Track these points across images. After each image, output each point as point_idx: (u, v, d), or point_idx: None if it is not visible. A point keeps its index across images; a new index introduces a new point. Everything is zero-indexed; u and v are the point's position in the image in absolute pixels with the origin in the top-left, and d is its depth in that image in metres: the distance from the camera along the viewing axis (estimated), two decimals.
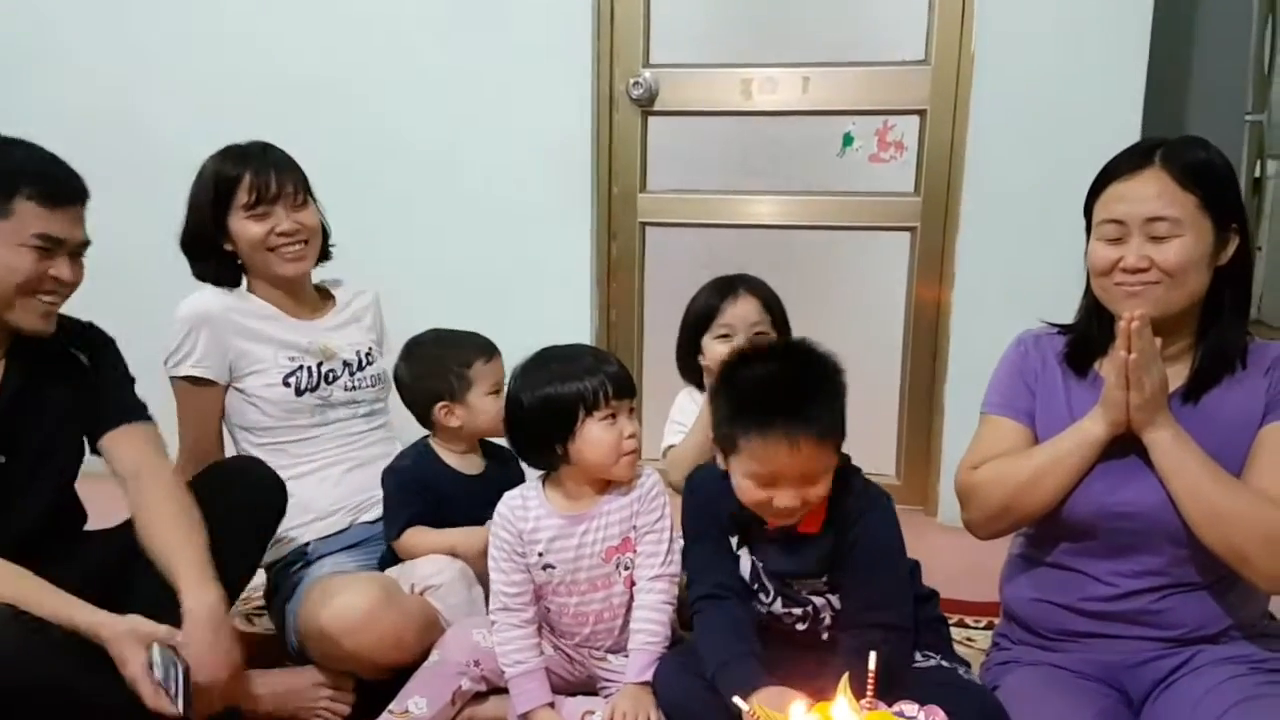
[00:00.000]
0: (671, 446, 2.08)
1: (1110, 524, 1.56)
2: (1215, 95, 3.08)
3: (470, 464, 2.06)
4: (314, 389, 2.07)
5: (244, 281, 2.12)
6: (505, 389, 1.82)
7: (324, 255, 2.18)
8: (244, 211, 2.01)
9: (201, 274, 2.08)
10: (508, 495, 1.78)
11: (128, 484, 1.74)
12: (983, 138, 2.62)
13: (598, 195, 2.88)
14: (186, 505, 1.72)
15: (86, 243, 1.69)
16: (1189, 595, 1.56)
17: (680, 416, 2.11)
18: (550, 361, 1.73)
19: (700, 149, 2.91)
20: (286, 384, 2.05)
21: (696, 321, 2.05)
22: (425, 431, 2.08)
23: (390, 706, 1.70)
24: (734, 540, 1.68)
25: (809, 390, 1.51)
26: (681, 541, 1.74)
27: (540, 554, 1.73)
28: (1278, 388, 1.53)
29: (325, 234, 2.16)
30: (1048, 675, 1.58)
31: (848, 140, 2.79)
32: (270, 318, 2.08)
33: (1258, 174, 3.89)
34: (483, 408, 2.00)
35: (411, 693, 1.71)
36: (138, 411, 1.81)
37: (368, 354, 2.18)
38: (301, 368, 2.06)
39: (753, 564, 1.67)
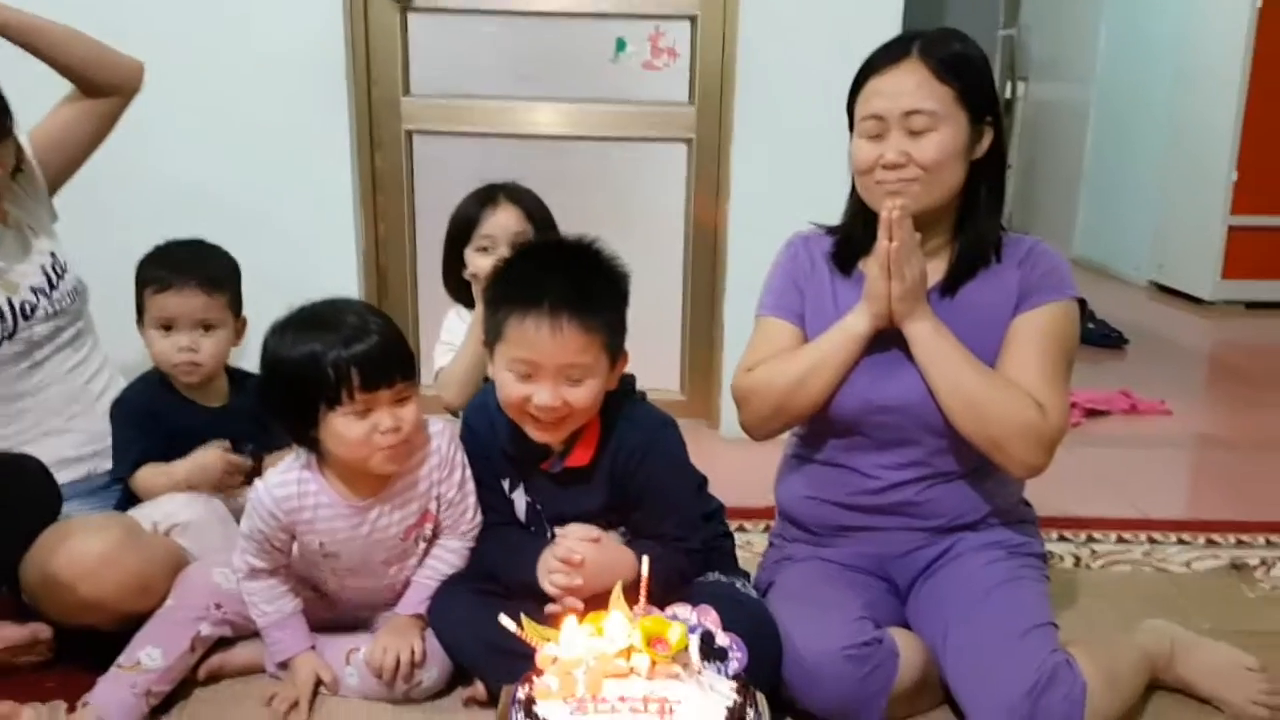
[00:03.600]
0: (442, 369, 1.97)
1: (874, 418, 1.58)
2: (971, 9, 3.19)
3: (211, 394, 1.84)
4: (11, 334, 1.75)
5: None
6: (181, 328, 1.73)
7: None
8: None
9: None
10: (274, 480, 1.54)
11: None
12: (752, 44, 2.60)
13: (355, 101, 2.68)
14: None
15: None
16: (949, 485, 1.61)
17: (449, 337, 2.00)
18: (293, 328, 1.47)
19: (468, 52, 2.75)
20: None
21: (457, 233, 1.96)
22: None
23: (119, 660, 1.51)
24: (506, 483, 1.61)
25: (584, 279, 1.46)
26: None
27: (321, 544, 1.55)
28: (1029, 279, 1.57)
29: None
30: (819, 569, 1.61)
31: (620, 46, 2.71)
32: None
33: (1009, 95, 4.11)
34: (150, 342, 1.79)
35: (143, 642, 1.53)
36: None
37: (53, 265, 1.85)
38: None
39: (528, 505, 1.61)
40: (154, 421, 1.78)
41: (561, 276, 1.44)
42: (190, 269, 1.78)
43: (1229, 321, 4.52)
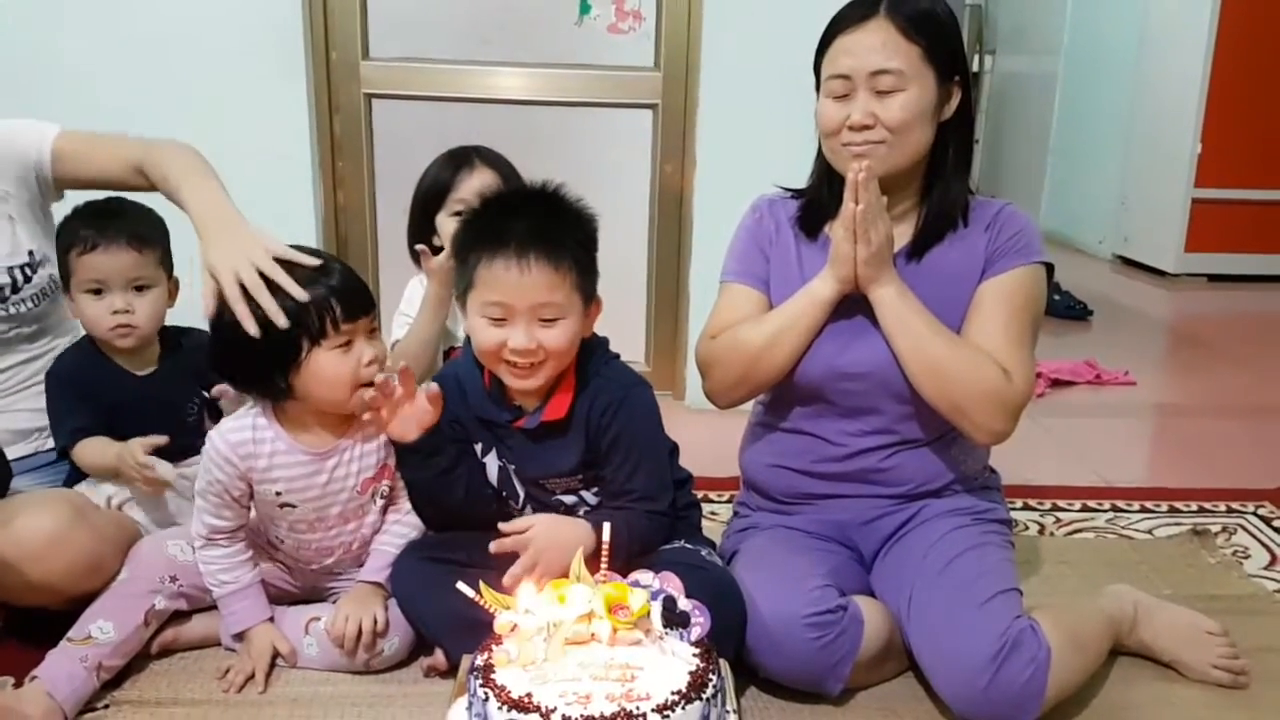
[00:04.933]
0: (396, 343, 1.91)
1: (839, 384, 1.56)
2: None
3: (141, 361, 1.74)
4: None
5: None
6: (117, 290, 1.64)
7: None
8: None
9: None
10: (227, 426, 1.51)
11: None
12: (719, 8, 2.56)
13: (313, 63, 2.61)
14: None
15: None
16: (914, 452, 1.59)
17: (408, 308, 1.95)
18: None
19: (428, 14, 2.69)
20: None
21: (428, 198, 1.91)
22: None
23: (69, 633, 1.47)
24: (478, 448, 1.58)
25: (549, 219, 1.45)
26: None
27: (278, 493, 1.52)
28: (996, 244, 1.56)
29: None
30: (784, 537, 1.59)
31: (585, 8, 2.66)
32: None
33: (976, 68, 4.09)
34: (80, 308, 1.68)
35: (95, 616, 1.48)
36: None
37: (25, 265, 1.73)
38: None
39: (500, 468, 1.58)
40: (85, 390, 1.69)
41: (526, 218, 1.43)
42: (116, 226, 1.68)
43: (1192, 294, 4.56)
